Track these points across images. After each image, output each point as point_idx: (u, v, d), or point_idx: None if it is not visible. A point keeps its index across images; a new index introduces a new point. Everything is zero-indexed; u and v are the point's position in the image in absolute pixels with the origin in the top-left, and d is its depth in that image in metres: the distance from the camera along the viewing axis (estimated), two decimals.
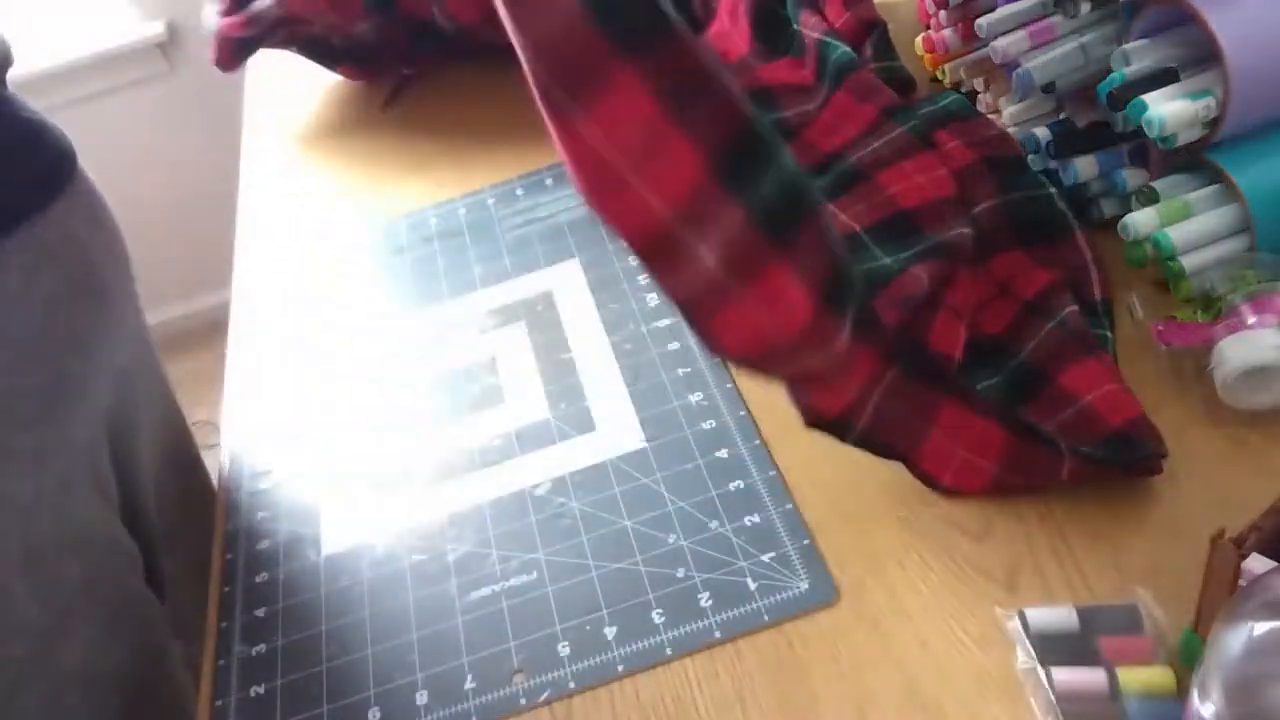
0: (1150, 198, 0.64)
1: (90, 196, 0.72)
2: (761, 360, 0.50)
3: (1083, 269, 0.66)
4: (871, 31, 0.85)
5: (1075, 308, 0.62)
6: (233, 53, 1.00)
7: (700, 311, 0.47)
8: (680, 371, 0.70)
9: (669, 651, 0.56)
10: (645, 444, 0.66)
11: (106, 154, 2.33)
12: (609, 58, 0.41)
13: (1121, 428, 0.56)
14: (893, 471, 0.60)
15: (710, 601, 0.57)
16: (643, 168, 0.43)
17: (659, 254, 0.45)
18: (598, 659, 0.56)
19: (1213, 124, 0.61)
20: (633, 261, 0.79)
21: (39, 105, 0.72)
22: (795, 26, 0.87)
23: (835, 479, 0.62)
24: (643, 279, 0.78)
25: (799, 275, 0.46)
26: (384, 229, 0.90)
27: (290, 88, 1.14)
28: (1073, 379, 0.59)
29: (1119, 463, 0.55)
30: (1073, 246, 0.68)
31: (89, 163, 0.78)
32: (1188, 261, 0.62)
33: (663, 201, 0.43)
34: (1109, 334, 0.63)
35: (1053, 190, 0.70)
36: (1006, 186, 0.70)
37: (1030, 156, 0.71)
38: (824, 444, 0.64)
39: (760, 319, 0.47)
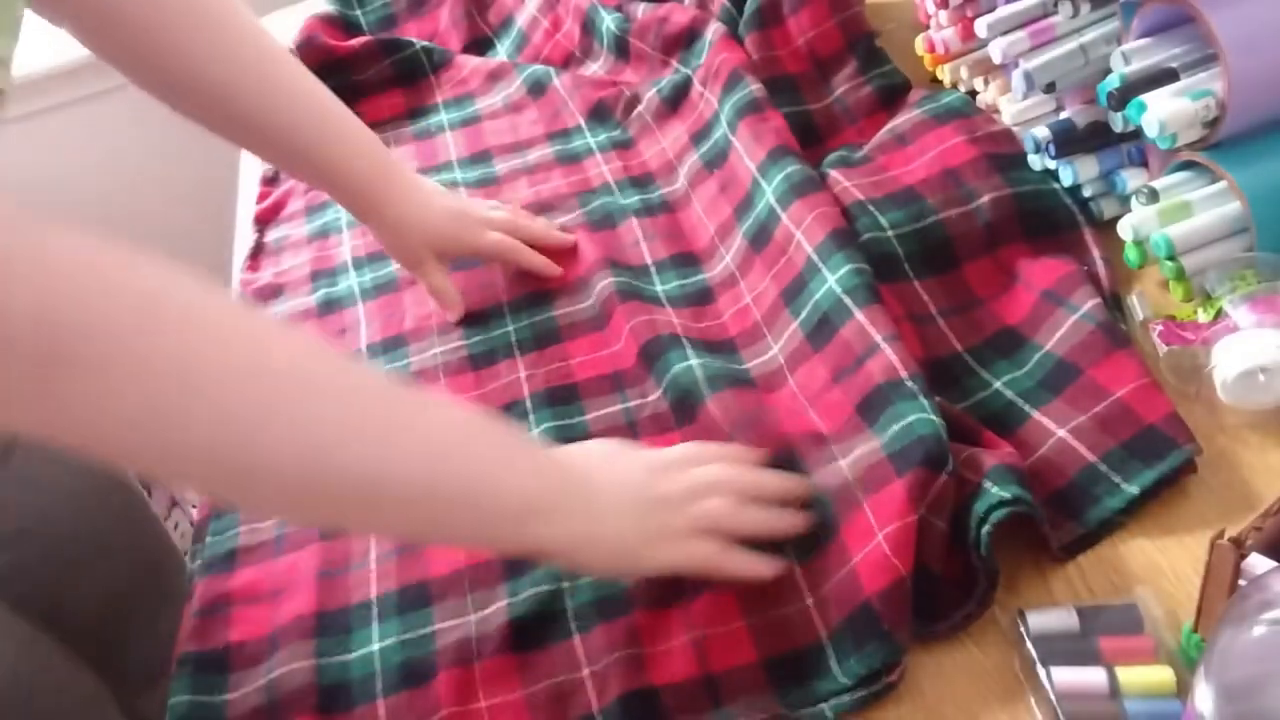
0: (1150, 198, 0.64)
1: None
2: None
3: (1090, 263, 0.66)
4: (857, 44, 0.85)
5: (1099, 300, 0.62)
6: None
7: None
8: None
9: None
10: None
11: (106, 154, 2.33)
12: None
13: (1155, 425, 0.56)
14: None
15: None
16: None
17: None
18: None
19: (1213, 124, 0.61)
20: None
21: (40, 105, 0.70)
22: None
23: None
24: None
25: None
26: None
27: None
28: (1104, 373, 0.59)
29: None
30: (1078, 241, 0.68)
31: (89, 163, 0.78)
32: (1188, 261, 0.62)
33: None
34: (1126, 328, 0.63)
35: (1058, 185, 0.70)
36: (1015, 180, 0.70)
37: (1030, 156, 0.71)
38: None
39: None
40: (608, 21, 0.95)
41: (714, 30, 0.87)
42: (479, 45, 1.06)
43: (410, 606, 0.59)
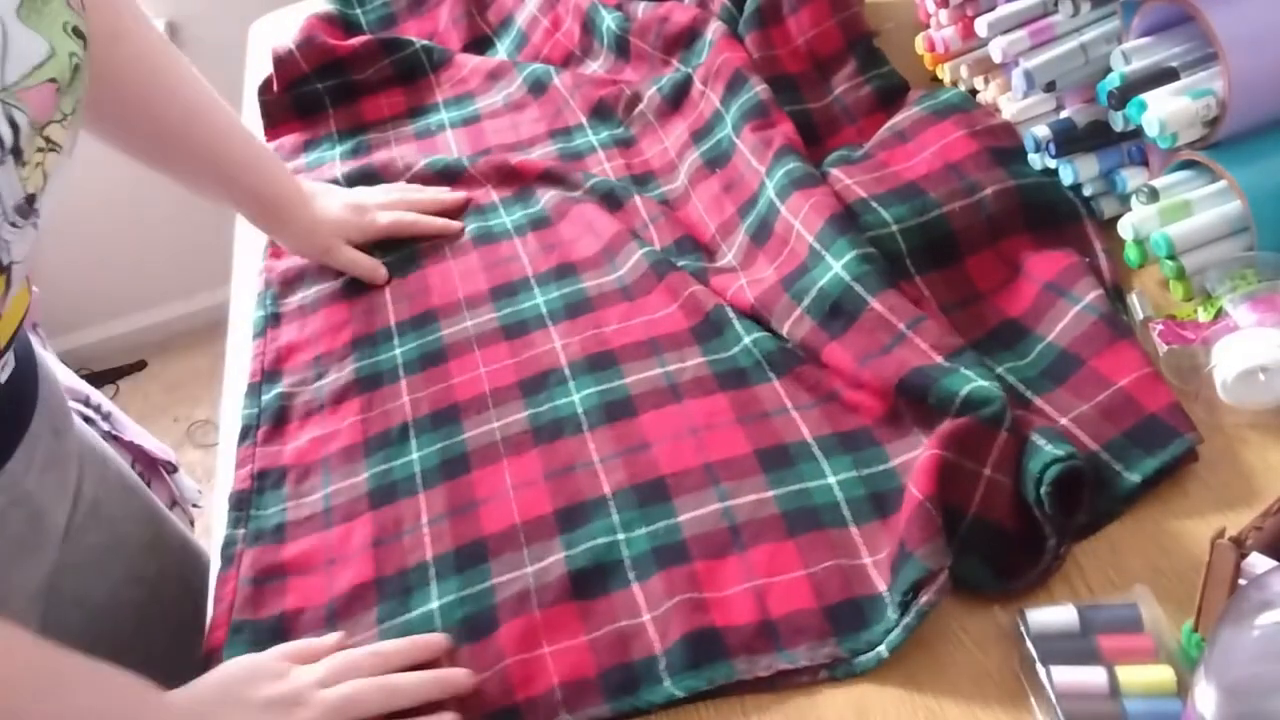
0: (1150, 197, 0.64)
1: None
2: None
3: (1092, 255, 0.67)
4: (856, 44, 0.85)
5: (1101, 291, 0.63)
6: None
7: None
8: None
9: None
10: None
11: (107, 154, 2.32)
12: None
13: (1156, 414, 0.57)
14: None
15: None
16: None
17: None
18: None
19: (1213, 123, 0.61)
20: None
21: None
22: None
23: None
24: None
25: None
26: None
27: None
28: (1106, 363, 0.60)
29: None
30: (1081, 233, 0.69)
31: (90, 163, 0.79)
32: (1188, 261, 0.62)
33: None
34: (1127, 319, 0.63)
35: (1059, 178, 0.70)
36: (1017, 172, 0.71)
37: (1030, 156, 0.71)
38: None
39: None
40: (608, 21, 0.95)
41: (715, 29, 0.87)
42: (479, 44, 1.06)
43: (468, 564, 0.61)
